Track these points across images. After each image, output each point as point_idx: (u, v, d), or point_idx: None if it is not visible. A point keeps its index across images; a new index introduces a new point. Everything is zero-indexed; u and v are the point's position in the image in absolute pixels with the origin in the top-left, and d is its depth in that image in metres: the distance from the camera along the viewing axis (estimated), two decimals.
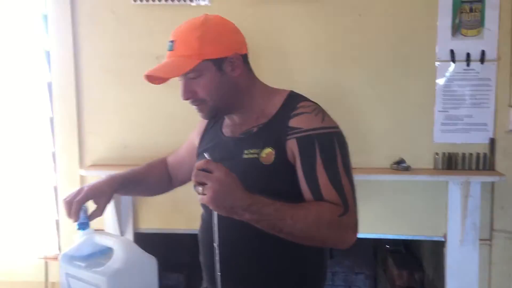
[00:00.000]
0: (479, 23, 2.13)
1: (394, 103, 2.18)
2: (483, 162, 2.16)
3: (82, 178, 2.30)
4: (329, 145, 1.20)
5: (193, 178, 1.07)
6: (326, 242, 1.19)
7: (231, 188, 1.06)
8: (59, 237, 2.38)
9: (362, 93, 2.19)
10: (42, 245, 2.41)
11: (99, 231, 1.34)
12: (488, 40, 2.12)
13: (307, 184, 1.18)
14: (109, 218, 2.28)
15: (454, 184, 2.16)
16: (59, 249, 2.38)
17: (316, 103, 1.28)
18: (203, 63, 1.20)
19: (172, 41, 1.24)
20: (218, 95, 1.25)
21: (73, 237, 1.32)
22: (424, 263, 2.75)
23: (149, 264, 1.29)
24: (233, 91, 1.27)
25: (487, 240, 2.20)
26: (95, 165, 2.29)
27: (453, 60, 2.13)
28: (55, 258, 2.38)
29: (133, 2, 2.21)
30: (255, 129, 1.28)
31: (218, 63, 1.23)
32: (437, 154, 2.18)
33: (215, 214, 1.12)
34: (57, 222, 2.37)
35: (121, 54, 2.26)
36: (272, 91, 1.33)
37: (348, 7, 2.15)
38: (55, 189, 2.35)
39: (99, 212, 1.36)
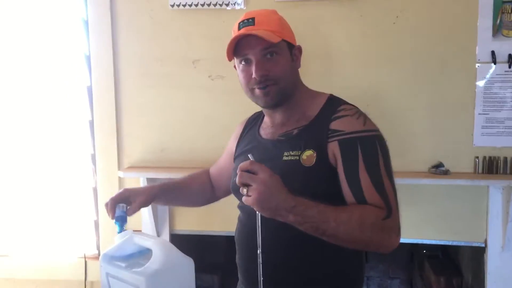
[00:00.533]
0: None
1: (433, 106, 2.14)
2: None
3: (120, 179, 2.35)
4: (371, 148, 1.20)
5: (237, 179, 1.08)
6: (369, 246, 1.18)
7: (276, 190, 1.06)
8: (98, 237, 2.43)
9: (400, 95, 2.15)
10: (82, 245, 2.47)
11: (138, 232, 1.37)
12: None
13: (349, 187, 1.18)
14: (146, 219, 2.33)
15: (495, 189, 2.10)
16: (98, 248, 2.44)
17: (356, 107, 1.29)
18: (282, 43, 1.26)
19: (251, 18, 1.26)
20: (289, 78, 1.29)
21: (111, 238, 1.36)
22: (463, 269, 2.68)
23: (187, 265, 1.31)
24: (296, 79, 1.33)
25: None
26: (133, 167, 2.34)
27: (494, 62, 2.07)
28: (94, 258, 2.43)
29: (170, 7, 2.25)
30: (295, 131, 1.29)
31: (291, 48, 1.30)
32: (477, 157, 2.13)
33: (258, 216, 1.12)
34: (96, 223, 2.43)
35: (159, 58, 2.30)
36: (313, 94, 1.36)
37: (386, 8, 2.12)
38: (94, 190, 2.40)
39: (133, 209, 1.40)
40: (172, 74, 2.29)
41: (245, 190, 1.07)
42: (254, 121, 1.51)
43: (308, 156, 1.22)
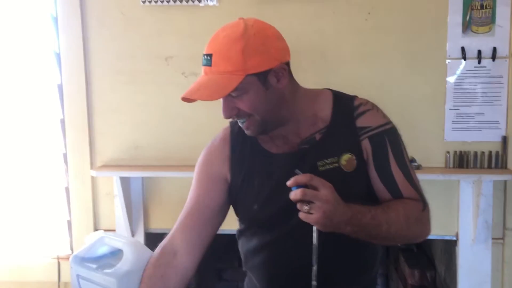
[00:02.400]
0: (490, 20, 2.10)
1: (404, 102, 2.16)
2: (495, 161, 2.13)
3: (93, 179, 2.32)
4: (396, 140, 1.19)
5: (298, 195, 1.00)
6: (412, 239, 1.19)
7: (338, 205, 1.02)
8: (71, 237, 2.40)
9: (372, 91, 2.14)
10: (54, 246, 2.43)
11: (110, 232, 1.35)
12: (499, 36, 2.09)
13: (383, 183, 1.16)
14: (119, 219, 2.30)
15: (465, 183, 2.14)
16: (71, 249, 2.40)
17: (366, 99, 1.25)
18: (247, 78, 1.08)
19: (209, 55, 1.09)
20: (265, 109, 1.13)
21: (84, 238, 1.33)
22: (436, 262, 2.73)
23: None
24: (280, 102, 1.15)
25: (500, 239, 2.18)
26: (106, 166, 2.30)
27: (464, 58, 2.11)
28: (68, 258, 2.39)
29: (142, 3, 2.22)
30: (317, 136, 1.19)
31: (263, 76, 1.11)
32: (448, 152, 2.16)
33: (315, 236, 1.05)
34: (69, 223, 2.39)
35: (130, 55, 2.27)
36: (313, 93, 1.24)
37: (358, 5, 2.13)
38: (67, 190, 2.37)
39: None
40: (144, 71, 2.27)
41: (306, 207, 1.00)
42: (241, 137, 1.25)
43: (348, 160, 1.16)
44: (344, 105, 1.20)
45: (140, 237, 2.32)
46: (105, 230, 2.36)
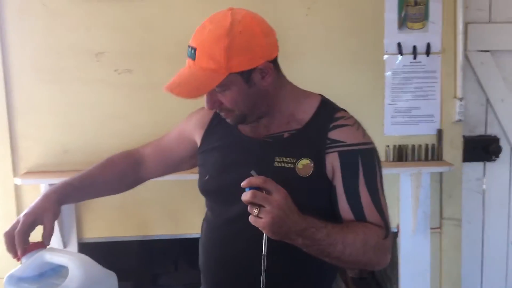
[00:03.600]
0: (423, 17, 2.16)
1: (346, 98, 2.13)
2: (432, 153, 2.21)
3: (17, 187, 2.10)
4: (371, 162, 1.15)
5: (248, 197, 0.96)
6: (367, 265, 1.14)
7: (290, 212, 0.97)
8: None
9: (312, 86, 2.13)
10: None
11: (50, 248, 1.20)
12: (432, 33, 2.16)
13: (348, 202, 1.12)
14: None
15: (405, 176, 2.19)
16: None
17: (351, 115, 1.22)
18: (230, 76, 1.08)
19: (193, 49, 1.10)
20: (246, 106, 1.15)
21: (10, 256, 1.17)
22: None
23: (109, 280, 1.18)
24: (263, 99, 1.17)
25: (437, 229, 2.26)
26: (32, 172, 2.10)
27: (401, 53, 2.15)
28: None
29: None
30: (285, 135, 1.19)
31: (247, 74, 1.11)
32: (388, 146, 2.20)
33: (265, 239, 1.02)
34: None
35: (55, 51, 2.08)
36: (302, 94, 1.24)
37: (297, 0, 2.11)
38: None
39: (48, 231, 1.20)
40: (72, 68, 2.08)
41: (255, 211, 0.97)
42: None
43: (305, 165, 1.14)
44: (325, 114, 1.19)
45: (74, 248, 2.14)
46: (34, 243, 2.17)
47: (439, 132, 2.20)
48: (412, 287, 2.27)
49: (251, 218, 0.98)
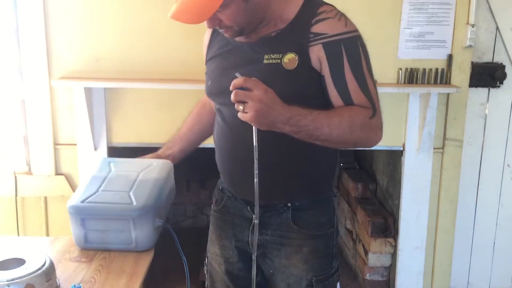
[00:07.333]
0: None
1: (362, 20, 2.26)
2: (441, 77, 2.34)
3: (52, 89, 2.24)
4: (354, 49, 1.23)
5: (232, 97, 1.10)
6: (358, 144, 1.25)
7: (272, 104, 1.10)
8: (28, 152, 2.33)
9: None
10: (11, 161, 2.35)
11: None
12: None
13: (336, 89, 1.23)
14: (81, 132, 2.27)
15: (414, 96, 2.34)
16: (28, 164, 2.34)
17: (335, 7, 1.28)
18: None
19: None
20: (244, 20, 1.24)
21: (41, 153, 1.28)
22: (377, 177, 2.98)
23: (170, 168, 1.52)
24: (258, 12, 1.25)
25: (440, 149, 2.43)
26: (66, 77, 2.23)
27: None
28: (24, 174, 2.34)
29: None
30: (273, 34, 1.27)
31: None
32: (400, 69, 2.33)
33: (255, 131, 1.16)
34: (25, 138, 2.31)
35: None
36: None
37: None
38: (23, 102, 2.27)
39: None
40: None
41: (241, 107, 1.10)
42: None
43: (290, 59, 1.23)
44: (309, 9, 1.26)
45: (103, 151, 2.31)
46: (65, 145, 2.33)
47: (449, 57, 2.32)
48: (413, 201, 2.47)
49: (239, 114, 1.11)
